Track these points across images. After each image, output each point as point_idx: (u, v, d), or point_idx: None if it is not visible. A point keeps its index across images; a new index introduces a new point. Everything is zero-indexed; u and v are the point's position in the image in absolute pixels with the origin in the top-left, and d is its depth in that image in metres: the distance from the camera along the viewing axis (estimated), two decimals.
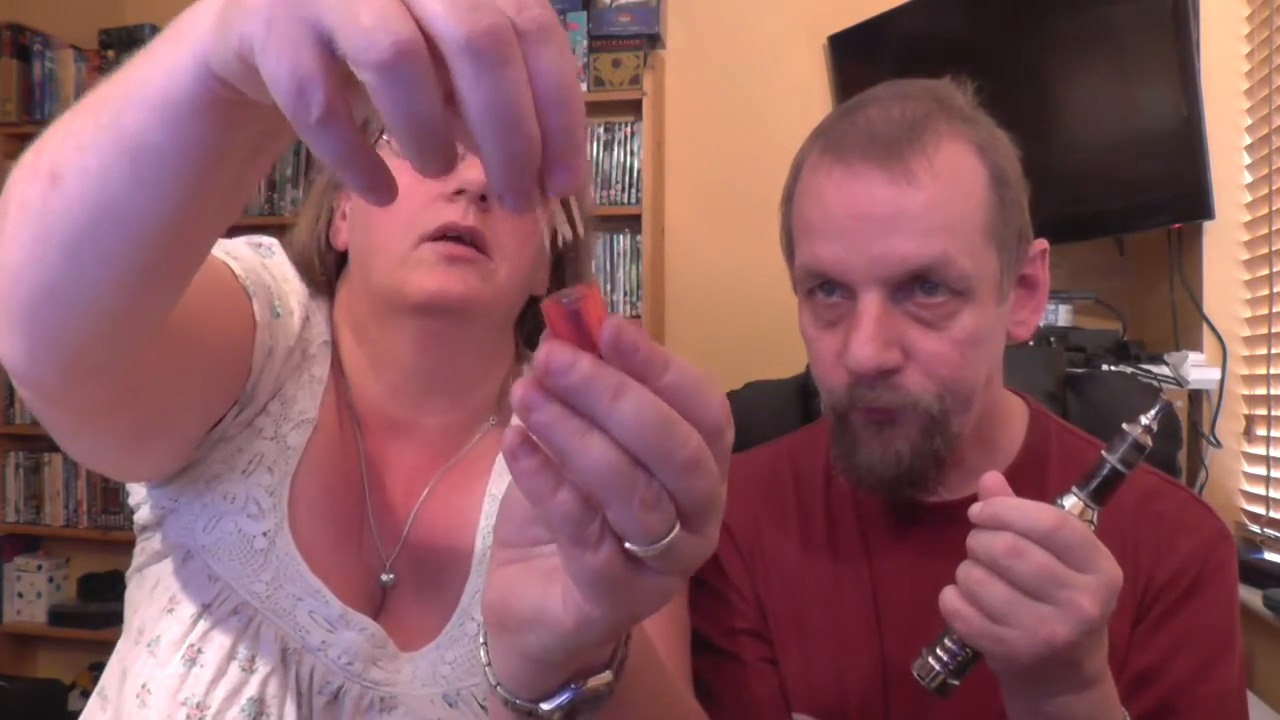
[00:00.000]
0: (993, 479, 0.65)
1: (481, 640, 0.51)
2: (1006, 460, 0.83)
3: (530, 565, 0.45)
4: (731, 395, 1.22)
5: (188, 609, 0.70)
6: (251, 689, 0.68)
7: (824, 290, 0.77)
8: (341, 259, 0.84)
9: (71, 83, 2.92)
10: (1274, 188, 1.92)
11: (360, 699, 0.72)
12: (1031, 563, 0.60)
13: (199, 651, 0.69)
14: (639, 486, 0.38)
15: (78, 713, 0.81)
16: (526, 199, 0.38)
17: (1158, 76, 1.97)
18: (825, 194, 0.75)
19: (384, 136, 0.78)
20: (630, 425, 0.38)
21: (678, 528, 0.40)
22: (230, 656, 0.69)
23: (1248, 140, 2.06)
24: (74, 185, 0.47)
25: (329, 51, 0.35)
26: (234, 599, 0.70)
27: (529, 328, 0.90)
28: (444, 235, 0.74)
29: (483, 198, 0.75)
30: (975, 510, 0.63)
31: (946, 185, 0.73)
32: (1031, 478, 0.80)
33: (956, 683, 0.65)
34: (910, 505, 0.82)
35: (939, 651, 0.65)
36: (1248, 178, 2.05)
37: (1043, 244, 0.81)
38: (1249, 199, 2.04)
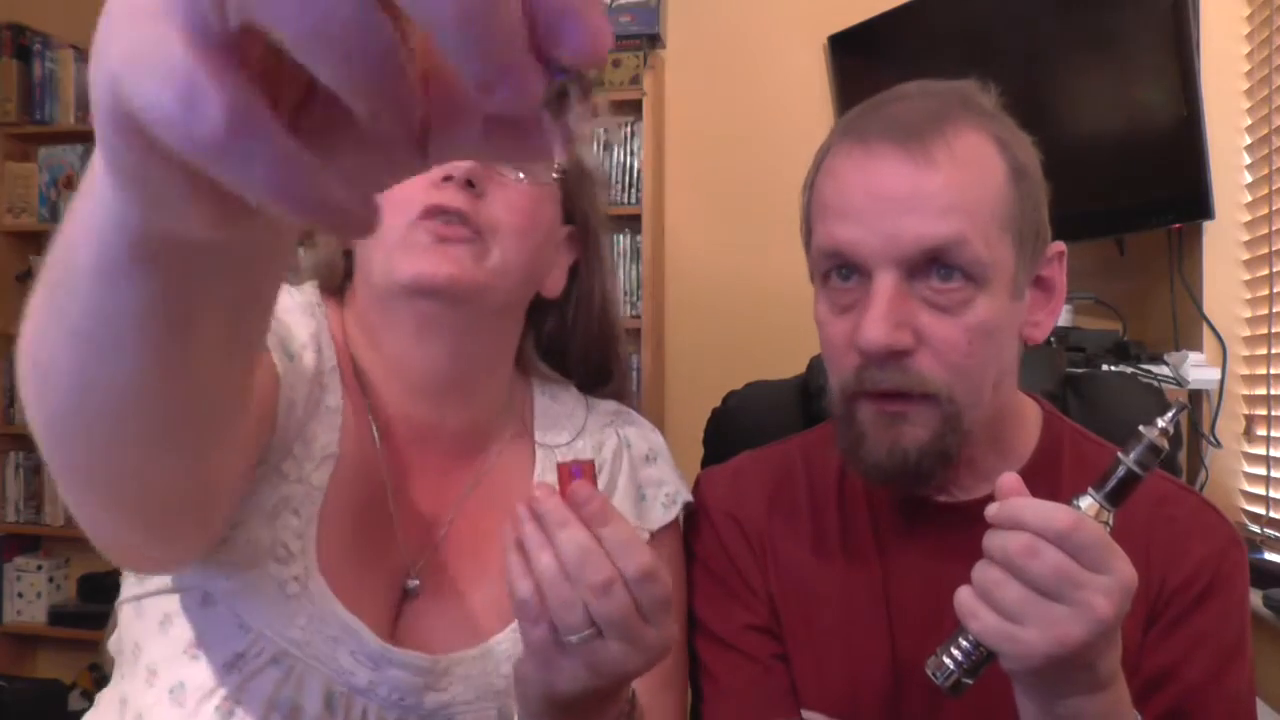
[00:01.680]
0: (1010, 479, 0.65)
1: None
2: (1020, 463, 0.83)
3: None
4: (731, 395, 1.22)
5: (217, 657, 0.68)
6: None
7: (840, 275, 0.77)
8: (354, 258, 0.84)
9: (71, 83, 2.92)
10: (1274, 188, 1.92)
11: None
12: (1047, 563, 0.60)
13: (236, 703, 0.67)
14: (563, 590, 0.59)
15: (78, 713, 0.81)
16: (512, 77, 0.24)
17: (1158, 76, 1.97)
18: (844, 174, 0.76)
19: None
20: (561, 548, 0.59)
21: (588, 631, 0.59)
22: (272, 707, 0.67)
23: (1248, 140, 2.06)
24: (54, 379, 0.41)
25: (214, 28, 0.24)
26: (271, 648, 0.68)
27: (548, 330, 0.89)
28: (433, 215, 0.74)
29: (470, 183, 0.75)
30: (992, 510, 0.63)
31: (965, 169, 0.73)
32: (1045, 480, 0.80)
33: (970, 682, 0.65)
34: (924, 505, 0.83)
35: (953, 651, 0.65)
36: (1248, 178, 2.05)
37: (1060, 246, 0.82)
38: (1249, 199, 2.04)
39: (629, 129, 2.64)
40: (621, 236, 2.64)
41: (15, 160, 2.96)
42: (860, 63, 2.50)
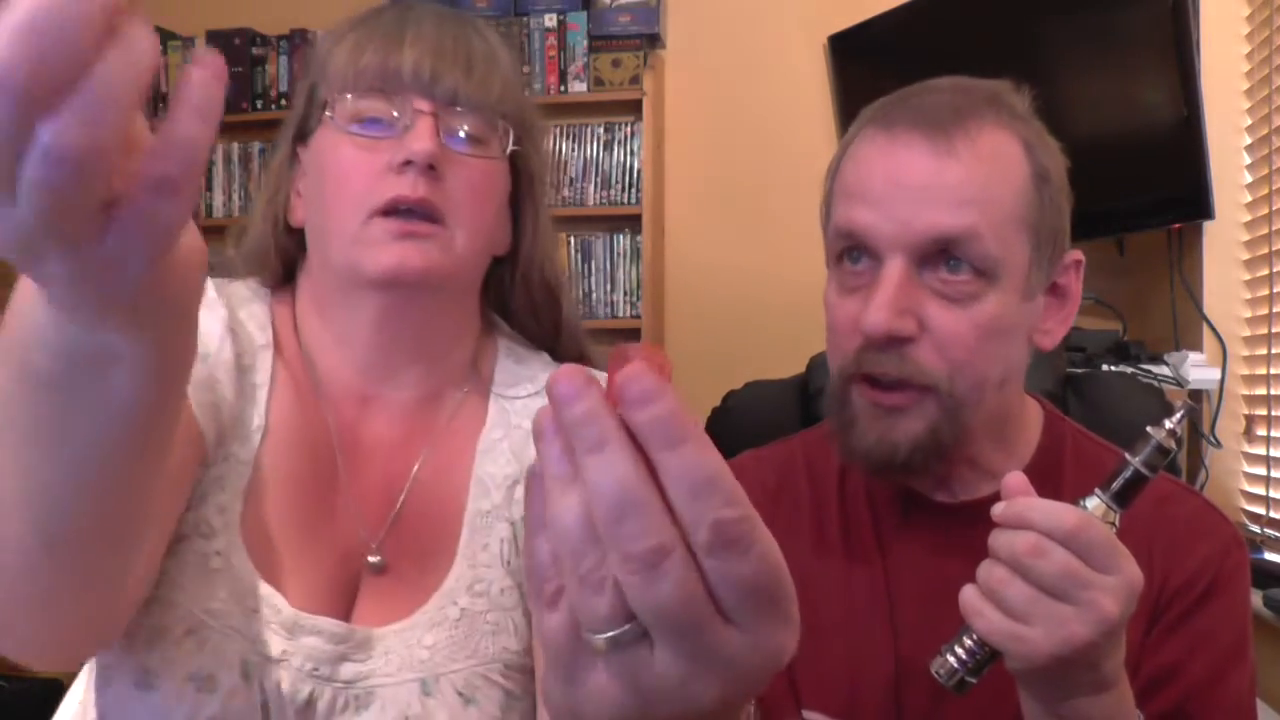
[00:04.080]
0: (1016, 479, 0.65)
1: None
2: (1021, 463, 0.83)
3: None
4: (731, 395, 1.22)
5: (140, 636, 0.68)
6: (212, 708, 0.66)
7: (851, 258, 0.77)
8: (301, 240, 0.82)
9: None
10: (1274, 188, 1.92)
11: (333, 702, 0.70)
12: (1053, 562, 0.60)
13: (155, 676, 0.67)
14: (585, 561, 0.35)
15: None
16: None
17: (1158, 76, 1.97)
18: (867, 160, 0.77)
19: (327, 112, 0.77)
20: (592, 490, 0.34)
21: (627, 628, 0.35)
22: (187, 679, 0.67)
23: (1248, 140, 2.06)
24: None
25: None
26: (189, 620, 0.68)
27: (493, 294, 0.88)
28: (394, 209, 0.73)
29: (430, 166, 0.73)
30: (998, 509, 0.63)
31: (986, 165, 0.74)
32: (1047, 480, 0.80)
33: (974, 681, 0.65)
34: (926, 504, 0.83)
35: (958, 650, 0.65)
36: (1248, 178, 2.05)
37: (1077, 255, 0.81)
38: (1249, 199, 2.04)
39: (629, 129, 2.64)
40: (621, 236, 2.64)
41: None
42: (860, 63, 2.50)
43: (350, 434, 0.79)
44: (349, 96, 0.76)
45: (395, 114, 0.75)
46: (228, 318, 0.76)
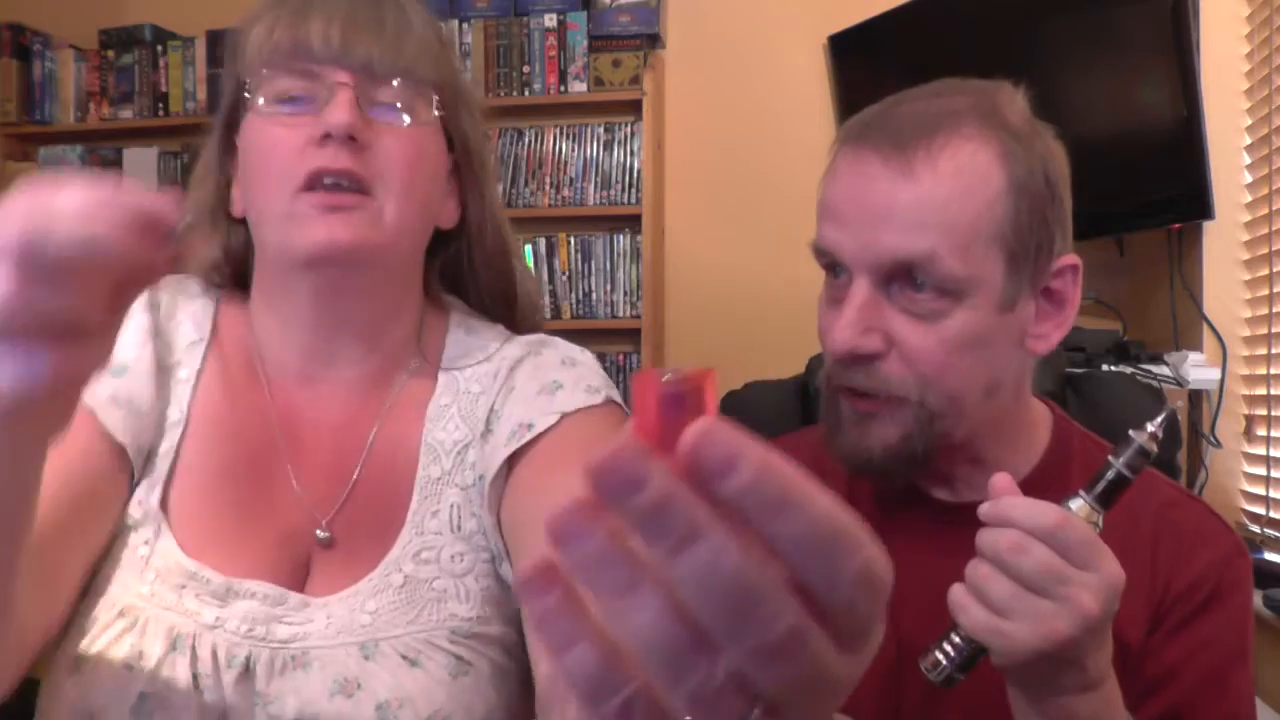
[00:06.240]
0: (1002, 480, 0.66)
1: None
2: (1030, 464, 0.83)
3: None
4: (731, 395, 1.22)
5: (73, 628, 0.71)
6: (140, 684, 0.67)
7: (834, 272, 0.79)
8: (249, 234, 0.81)
9: (71, 83, 2.91)
10: (1274, 188, 1.92)
11: (271, 662, 0.70)
12: (1034, 559, 0.61)
13: (85, 660, 0.69)
14: (696, 673, 0.28)
15: None
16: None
17: (1158, 76, 1.97)
18: (838, 177, 0.79)
19: (245, 94, 0.76)
20: (697, 587, 0.28)
21: (755, 713, 0.29)
22: (117, 658, 0.68)
23: (1248, 140, 2.06)
24: None
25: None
26: (120, 605, 0.70)
27: (440, 265, 0.87)
28: (318, 182, 0.72)
29: (351, 138, 0.72)
30: (984, 509, 0.65)
31: (947, 184, 0.73)
32: (1055, 482, 0.80)
33: (962, 677, 0.66)
34: (932, 504, 0.84)
35: (945, 646, 0.66)
36: (1248, 178, 2.05)
37: (1073, 260, 0.80)
38: (1249, 199, 2.05)
39: (629, 129, 2.64)
40: (621, 236, 2.64)
41: (15, 160, 2.96)
42: (860, 63, 2.51)
43: (295, 418, 0.79)
44: (265, 76, 0.75)
45: (313, 89, 0.74)
46: (151, 324, 0.78)
